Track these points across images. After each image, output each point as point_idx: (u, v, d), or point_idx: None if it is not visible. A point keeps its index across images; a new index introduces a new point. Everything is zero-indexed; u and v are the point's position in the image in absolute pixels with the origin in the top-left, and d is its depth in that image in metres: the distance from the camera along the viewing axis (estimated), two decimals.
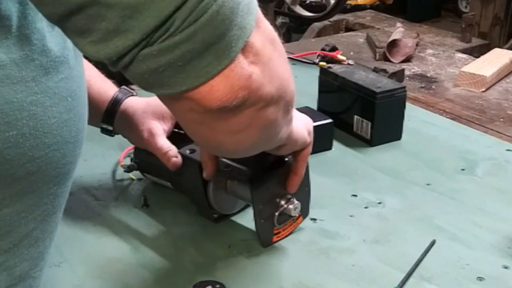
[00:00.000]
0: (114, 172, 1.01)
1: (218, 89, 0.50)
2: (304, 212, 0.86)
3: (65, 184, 0.63)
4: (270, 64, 0.54)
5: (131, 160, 0.96)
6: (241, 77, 0.51)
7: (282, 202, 0.81)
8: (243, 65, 0.51)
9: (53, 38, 0.56)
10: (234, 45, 0.49)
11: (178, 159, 0.86)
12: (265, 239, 0.82)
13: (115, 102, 0.90)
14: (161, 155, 0.87)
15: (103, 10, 0.45)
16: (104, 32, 0.46)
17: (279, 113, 0.59)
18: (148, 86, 0.51)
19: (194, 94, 0.50)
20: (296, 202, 0.81)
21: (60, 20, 0.48)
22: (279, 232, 0.83)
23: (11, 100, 0.54)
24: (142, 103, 0.91)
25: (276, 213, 0.81)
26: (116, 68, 0.49)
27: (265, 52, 0.53)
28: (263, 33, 0.53)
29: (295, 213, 0.81)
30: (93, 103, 0.86)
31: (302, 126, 0.75)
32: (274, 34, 0.56)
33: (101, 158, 1.03)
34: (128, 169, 0.96)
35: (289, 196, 0.81)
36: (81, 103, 0.62)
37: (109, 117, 0.91)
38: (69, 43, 0.58)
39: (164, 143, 0.88)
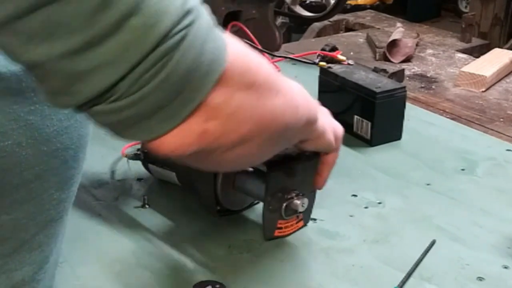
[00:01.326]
0: (114, 172, 1.01)
1: (169, 143, 0.49)
2: (306, 217, 0.86)
3: (69, 189, 0.63)
4: (237, 113, 0.51)
5: (138, 150, 0.96)
6: (192, 135, 0.49)
7: (291, 195, 0.81)
8: (195, 123, 0.48)
9: None
10: (184, 108, 0.47)
11: None
12: (268, 230, 0.82)
13: None
14: None
15: (47, 75, 0.44)
16: (50, 91, 0.45)
17: (262, 145, 0.56)
18: (108, 131, 0.50)
19: (148, 143, 0.49)
20: (304, 198, 0.81)
21: None
22: (281, 228, 0.83)
23: (7, 111, 0.53)
24: None
25: (284, 204, 0.81)
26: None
27: (229, 105, 0.50)
28: (235, 84, 0.50)
29: (302, 209, 0.81)
30: None
31: (329, 129, 0.73)
32: (255, 75, 0.52)
33: (101, 158, 1.03)
34: (134, 156, 0.95)
35: (298, 191, 0.81)
36: None
37: None
38: None
39: None
